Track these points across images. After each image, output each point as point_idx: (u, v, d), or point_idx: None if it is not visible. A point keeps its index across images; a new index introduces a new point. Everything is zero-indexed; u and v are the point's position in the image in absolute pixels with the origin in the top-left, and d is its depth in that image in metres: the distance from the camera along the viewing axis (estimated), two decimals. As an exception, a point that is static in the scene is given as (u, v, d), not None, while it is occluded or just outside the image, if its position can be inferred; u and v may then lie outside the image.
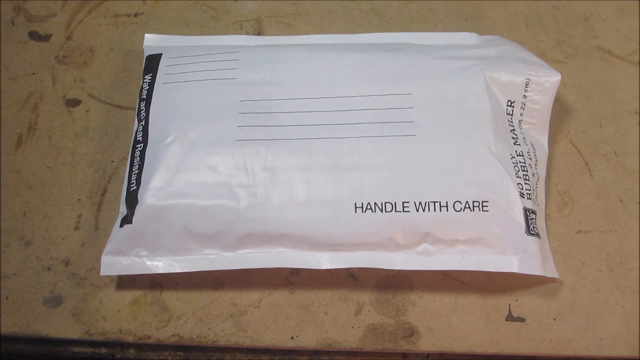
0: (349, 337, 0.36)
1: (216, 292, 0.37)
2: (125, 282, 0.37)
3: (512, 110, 0.38)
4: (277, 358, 0.37)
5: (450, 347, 0.36)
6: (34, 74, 0.44)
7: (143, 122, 0.38)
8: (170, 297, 0.37)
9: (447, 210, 0.35)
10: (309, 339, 0.36)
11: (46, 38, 0.46)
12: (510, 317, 0.36)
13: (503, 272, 0.36)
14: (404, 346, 0.36)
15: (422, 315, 0.36)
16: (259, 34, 0.46)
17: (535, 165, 0.38)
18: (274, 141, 0.36)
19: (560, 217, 0.39)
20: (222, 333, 0.36)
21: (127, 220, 0.35)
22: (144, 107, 0.38)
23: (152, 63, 0.40)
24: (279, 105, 0.37)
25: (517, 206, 0.35)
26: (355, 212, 0.35)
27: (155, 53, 0.41)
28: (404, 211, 0.35)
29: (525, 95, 0.38)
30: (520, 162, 0.37)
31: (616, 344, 0.36)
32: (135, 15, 0.47)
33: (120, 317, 0.36)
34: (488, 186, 0.35)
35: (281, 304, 0.37)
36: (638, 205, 0.40)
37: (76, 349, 0.37)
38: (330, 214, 0.35)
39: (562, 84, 0.42)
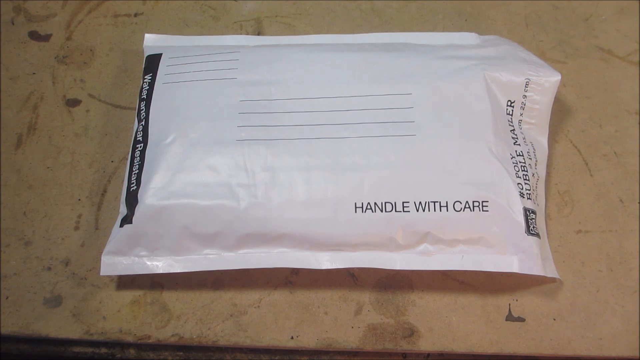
0: (349, 337, 0.36)
1: (216, 292, 0.37)
2: (125, 282, 0.37)
3: (512, 110, 0.38)
4: (277, 358, 0.37)
5: (450, 347, 0.36)
6: (34, 74, 0.44)
7: (143, 122, 0.38)
8: (170, 297, 0.37)
9: (447, 210, 0.35)
10: (309, 339, 0.36)
11: (46, 38, 0.46)
12: (510, 317, 0.36)
13: (503, 272, 0.36)
14: (404, 346, 0.36)
15: (422, 315, 0.36)
16: (259, 34, 0.46)
17: (535, 165, 0.38)
18: (274, 141, 0.36)
19: (560, 217, 0.39)
20: (222, 333, 0.36)
21: (127, 220, 0.35)
22: (144, 107, 0.38)
23: (152, 63, 0.40)
24: (279, 105, 0.37)
25: (517, 206, 0.35)
26: (355, 212, 0.35)
27: (155, 53, 0.41)
28: (404, 211, 0.35)
29: (525, 95, 0.38)
30: (520, 162, 0.37)
31: (616, 344, 0.36)
32: (135, 15, 0.47)
33: (120, 317, 0.36)
34: (488, 186, 0.35)
35: (281, 304, 0.37)
36: (638, 205, 0.40)
37: (76, 349, 0.37)
38: (330, 214, 0.35)
39: (562, 84, 0.42)
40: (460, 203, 0.35)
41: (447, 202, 0.35)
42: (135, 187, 0.36)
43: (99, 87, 0.44)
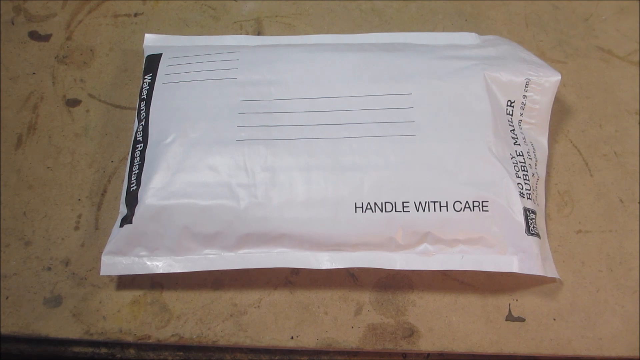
0: (349, 337, 0.36)
1: (216, 292, 0.37)
2: (125, 282, 0.37)
3: (512, 110, 0.38)
4: (277, 358, 0.37)
5: (450, 347, 0.36)
6: (34, 74, 0.44)
7: (143, 122, 0.38)
8: (170, 297, 0.37)
9: (447, 210, 0.35)
10: (309, 339, 0.36)
11: (46, 38, 0.46)
12: (510, 317, 0.36)
13: (503, 272, 0.36)
14: (404, 346, 0.36)
15: (422, 315, 0.36)
16: (259, 34, 0.46)
17: (535, 165, 0.38)
18: (274, 141, 0.36)
19: (560, 217, 0.39)
20: (222, 333, 0.36)
21: (127, 220, 0.35)
22: (144, 107, 0.38)
23: (152, 63, 0.40)
24: (279, 105, 0.37)
25: (517, 206, 0.35)
26: (355, 212, 0.35)
27: (155, 53, 0.41)
28: (404, 211, 0.35)
29: (525, 95, 0.38)
30: (520, 162, 0.37)
31: (616, 344, 0.36)
32: (135, 15, 0.47)
33: (120, 317, 0.36)
34: (488, 186, 0.35)
35: (281, 304, 0.37)
36: (638, 205, 0.40)
37: (76, 349, 0.37)
38: (330, 214, 0.35)
39: (562, 84, 0.42)
40: (460, 203, 0.35)
41: (447, 202, 0.35)
42: (135, 187, 0.36)
43: (99, 87, 0.44)
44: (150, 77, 0.39)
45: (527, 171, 0.37)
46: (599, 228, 0.39)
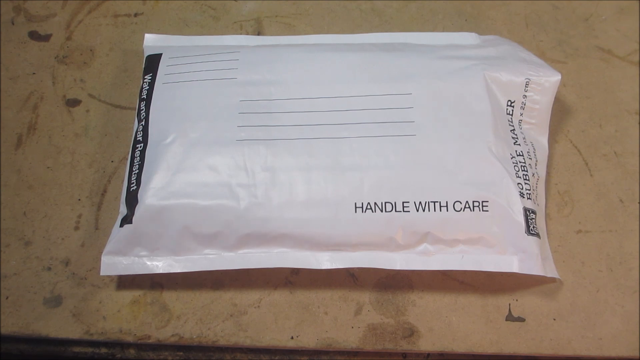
0: (349, 337, 0.36)
1: (216, 292, 0.37)
2: (125, 282, 0.37)
3: (512, 110, 0.38)
4: (277, 358, 0.37)
5: (450, 347, 0.36)
6: (34, 74, 0.44)
7: (143, 122, 0.38)
8: (170, 297, 0.37)
9: (447, 210, 0.35)
10: (309, 339, 0.36)
11: (46, 38, 0.46)
12: (510, 317, 0.36)
13: (503, 272, 0.36)
14: (404, 346, 0.36)
15: (422, 315, 0.36)
16: (259, 34, 0.46)
17: (535, 165, 0.38)
18: (274, 141, 0.36)
19: (560, 217, 0.39)
20: (222, 333, 0.36)
21: (127, 220, 0.35)
22: (144, 107, 0.38)
23: (152, 63, 0.40)
24: (279, 105, 0.37)
25: (517, 206, 0.35)
26: (355, 212, 0.35)
27: (155, 53, 0.41)
28: (404, 211, 0.35)
29: (525, 95, 0.38)
30: (520, 162, 0.37)
31: (616, 344, 0.36)
32: (135, 15, 0.47)
33: (120, 317, 0.36)
34: (488, 186, 0.35)
35: (281, 304, 0.37)
36: (638, 205, 0.40)
37: (76, 349, 0.37)
38: (330, 214, 0.35)
39: (562, 84, 0.42)
40: (460, 203, 0.35)
41: (447, 202, 0.35)
42: (135, 187, 0.36)
43: (99, 87, 0.44)
44: (150, 77, 0.39)
45: (527, 171, 0.37)
46: (599, 228, 0.39)
